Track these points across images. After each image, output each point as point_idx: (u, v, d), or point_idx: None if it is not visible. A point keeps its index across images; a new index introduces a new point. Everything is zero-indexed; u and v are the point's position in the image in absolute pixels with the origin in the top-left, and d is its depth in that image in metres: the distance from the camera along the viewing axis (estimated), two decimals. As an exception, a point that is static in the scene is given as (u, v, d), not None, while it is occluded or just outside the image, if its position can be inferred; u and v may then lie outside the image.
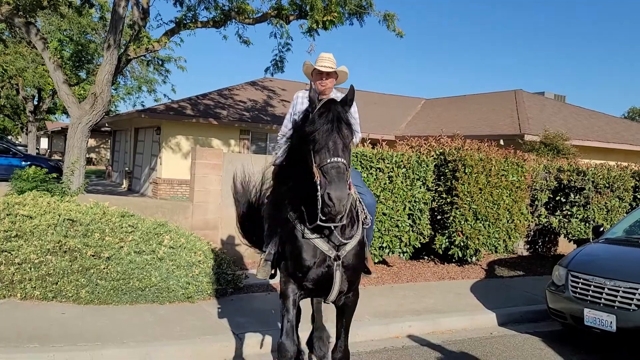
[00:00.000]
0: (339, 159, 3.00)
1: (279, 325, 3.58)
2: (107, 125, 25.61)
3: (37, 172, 8.25)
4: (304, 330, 4.57)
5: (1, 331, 4.71)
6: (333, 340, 3.95)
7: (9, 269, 5.54)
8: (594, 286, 5.43)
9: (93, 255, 5.73)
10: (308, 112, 3.35)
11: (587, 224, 9.66)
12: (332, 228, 3.26)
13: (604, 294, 5.31)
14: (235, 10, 12.05)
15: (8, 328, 4.79)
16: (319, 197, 2.97)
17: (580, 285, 5.58)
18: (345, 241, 3.36)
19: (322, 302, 3.74)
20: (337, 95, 3.94)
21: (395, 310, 6.35)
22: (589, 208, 9.55)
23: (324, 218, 3.04)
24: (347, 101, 3.28)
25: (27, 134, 28.42)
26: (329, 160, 2.98)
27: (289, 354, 3.38)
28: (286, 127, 4.20)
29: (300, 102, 4.16)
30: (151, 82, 26.34)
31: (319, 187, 2.99)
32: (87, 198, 7.68)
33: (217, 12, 12.27)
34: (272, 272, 3.83)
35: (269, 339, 5.07)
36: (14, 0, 10.11)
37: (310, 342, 4.45)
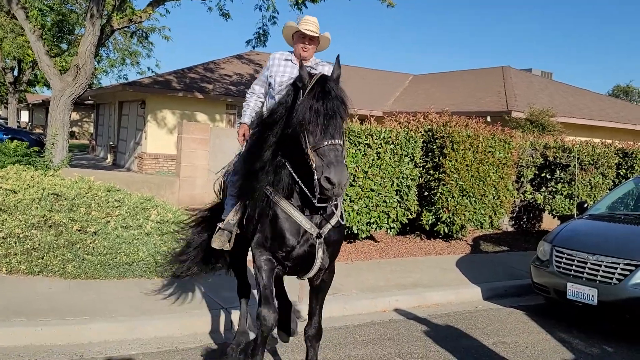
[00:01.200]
0: (337, 141, 2.91)
1: (256, 295, 3.49)
2: (90, 98, 25.16)
3: (18, 146, 8.12)
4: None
5: (-13, 306, 4.68)
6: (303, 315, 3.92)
7: (-7, 243, 5.47)
8: (577, 261, 5.53)
9: (79, 230, 5.67)
10: (296, 87, 3.18)
11: (571, 201, 9.80)
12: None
13: (586, 268, 5.42)
14: (221, -20, 11.79)
15: (-6, 303, 4.75)
16: (316, 180, 2.88)
17: (564, 260, 5.69)
18: (327, 218, 3.30)
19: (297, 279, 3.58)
20: (317, 62, 3.83)
21: (383, 285, 6.42)
22: (574, 185, 9.68)
23: (318, 198, 2.98)
24: (338, 77, 3.17)
25: (6, 106, 27.83)
26: (326, 143, 2.88)
27: (269, 322, 3.27)
28: (258, 86, 4.03)
29: (277, 64, 3.88)
30: (135, 55, 25.81)
31: (315, 171, 2.89)
32: (72, 172, 7.58)
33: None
34: (229, 244, 3.73)
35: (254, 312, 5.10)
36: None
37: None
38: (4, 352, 4.10)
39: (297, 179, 3.15)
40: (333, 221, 3.32)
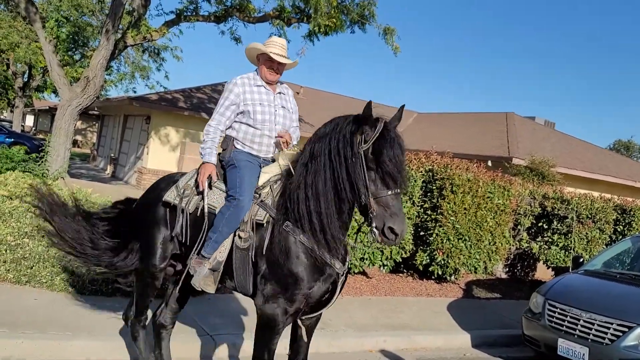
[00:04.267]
0: (399, 192, 2.89)
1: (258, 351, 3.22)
2: (96, 109, 25.30)
3: (17, 152, 8.13)
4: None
5: (-30, 313, 4.60)
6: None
7: (-17, 249, 5.41)
8: (570, 317, 5.48)
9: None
10: (355, 128, 3.00)
11: (566, 252, 9.76)
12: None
13: (579, 325, 5.36)
14: (237, 7, 12.01)
15: (-23, 310, 4.67)
16: (374, 229, 2.86)
17: (556, 314, 5.63)
18: (345, 254, 3.24)
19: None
20: (283, 85, 3.74)
21: (371, 324, 6.34)
22: (570, 237, 9.66)
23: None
24: (398, 122, 3.12)
25: (12, 110, 27.97)
26: (390, 192, 2.85)
27: None
28: (220, 116, 3.57)
29: (249, 90, 3.58)
30: (145, 69, 26.10)
31: (373, 219, 2.85)
32: (70, 182, 7.56)
33: (220, 7, 12.22)
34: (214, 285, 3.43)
35: (244, 344, 5.01)
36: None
37: None
38: (-18, 362, 4.01)
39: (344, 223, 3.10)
40: (348, 257, 3.30)
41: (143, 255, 3.78)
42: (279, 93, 3.71)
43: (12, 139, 18.48)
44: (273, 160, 3.60)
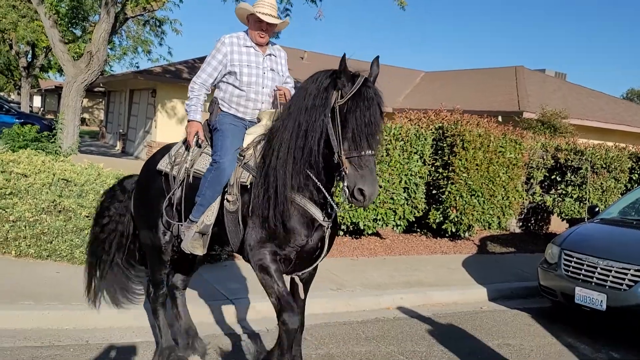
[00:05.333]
0: (373, 152, 2.83)
1: (271, 299, 3.19)
2: (101, 85, 25.23)
3: (28, 130, 8.17)
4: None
5: (-5, 288, 4.72)
6: None
7: (4, 226, 5.51)
8: (587, 265, 5.48)
9: (87, 216, 5.68)
10: (331, 82, 2.93)
11: (581, 204, 9.71)
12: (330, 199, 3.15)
13: (596, 273, 5.36)
14: (237, -29, 11.73)
15: (3, 284, 4.79)
16: (345, 189, 2.82)
17: (573, 263, 5.64)
18: (334, 206, 3.20)
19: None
20: (275, 47, 3.68)
21: (387, 282, 6.40)
22: (585, 188, 9.58)
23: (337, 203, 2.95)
24: (376, 77, 3.02)
25: (19, 92, 27.98)
26: (362, 153, 2.79)
27: (295, 326, 3.12)
28: (206, 75, 3.54)
29: (237, 50, 3.52)
30: (147, 43, 25.81)
31: (345, 179, 2.82)
32: (82, 158, 7.61)
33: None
34: (204, 248, 3.46)
35: (261, 306, 5.09)
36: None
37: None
38: (12, 334, 4.13)
39: (317, 182, 3.06)
40: (334, 213, 3.27)
41: (149, 229, 3.79)
42: (269, 55, 3.64)
43: (22, 120, 18.52)
44: (259, 121, 3.55)
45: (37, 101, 47.69)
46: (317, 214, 3.15)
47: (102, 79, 20.75)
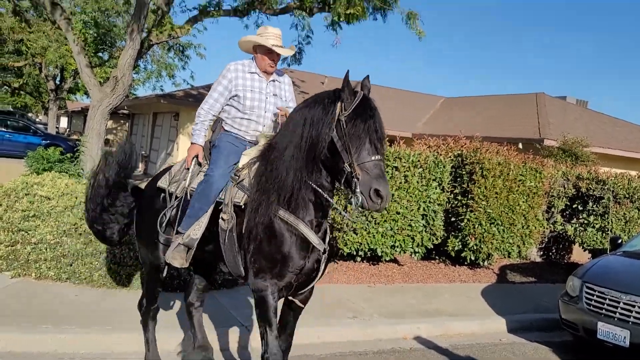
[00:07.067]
0: (381, 158, 2.95)
1: (260, 329, 3.25)
2: (125, 108, 25.80)
3: (52, 153, 8.38)
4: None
5: (16, 309, 4.80)
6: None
7: (25, 248, 5.62)
8: (609, 299, 5.34)
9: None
10: (335, 97, 3.04)
11: (603, 234, 9.51)
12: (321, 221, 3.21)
13: (619, 308, 5.23)
14: (259, 0, 12.01)
15: (23, 306, 4.87)
16: (359, 194, 2.87)
17: (595, 297, 5.50)
18: (324, 232, 3.26)
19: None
20: (281, 72, 3.80)
21: (404, 311, 6.32)
22: (607, 218, 9.40)
23: (353, 212, 3.02)
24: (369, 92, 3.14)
25: (47, 113, 28.73)
26: (373, 158, 2.91)
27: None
28: (213, 100, 3.65)
29: (242, 76, 3.63)
30: (171, 67, 26.40)
31: (358, 186, 2.88)
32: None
33: (241, 1, 12.24)
34: (186, 262, 3.51)
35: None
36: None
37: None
38: (31, 357, 4.19)
39: (325, 194, 3.11)
40: (328, 236, 3.32)
41: (147, 246, 3.87)
42: (272, 81, 3.75)
43: (48, 141, 19.04)
44: (257, 143, 3.62)
45: (63, 122, 48.90)
46: (312, 237, 3.19)
47: (126, 102, 21.21)
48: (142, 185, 4.32)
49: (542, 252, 10.49)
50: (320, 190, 3.11)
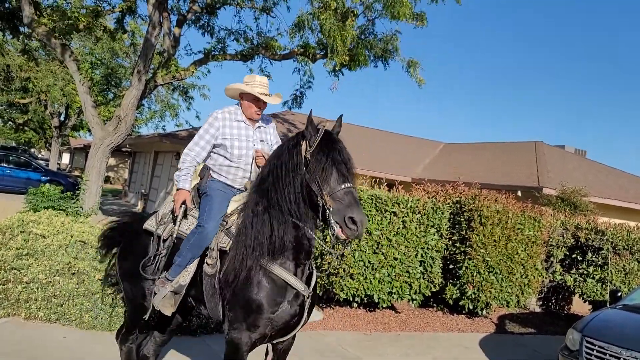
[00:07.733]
0: (353, 184, 2.98)
1: None
2: (127, 146, 26.03)
3: (52, 190, 8.37)
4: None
5: (3, 350, 4.68)
6: None
7: (17, 287, 5.54)
8: (610, 355, 5.22)
9: (100, 280, 5.69)
10: (298, 137, 3.14)
11: (603, 285, 9.40)
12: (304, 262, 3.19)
13: (619, 364, 5.10)
14: (263, 45, 12.32)
15: (10, 348, 4.75)
16: (333, 224, 2.88)
17: (595, 352, 5.38)
18: (310, 276, 3.24)
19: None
20: (265, 118, 3.82)
21: (401, 361, 6.17)
22: (606, 269, 9.31)
23: (330, 245, 2.99)
24: (338, 133, 3.24)
25: (49, 148, 28.97)
26: (343, 186, 2.93)
27: None
28: (199, 147, 3.66)
29: (228, 125, 3.65)
30: (174, 108, 26.82)
31: (332, 215, 2.89)
32: (102, 218, 7.72)
33: (246, 45, 12.55)
34: (174, 308, 3.47)
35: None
36: (51, 22, 10.47)
37: None
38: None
39: (306, 231, 3.11)
40: (314, 279, 3.29)
41: (132, 285, 3.82)
42: (258, 127, 3.78)
43: (48, 177, 19.10)
44: (246, 189, 3.64)
45: (65, 158, 49.24)
46: (297, 283, 3.17)
47: (128, 140, 21.40)
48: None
49: (541, 302, 10.34)
50: (304, 229, 3.12)
